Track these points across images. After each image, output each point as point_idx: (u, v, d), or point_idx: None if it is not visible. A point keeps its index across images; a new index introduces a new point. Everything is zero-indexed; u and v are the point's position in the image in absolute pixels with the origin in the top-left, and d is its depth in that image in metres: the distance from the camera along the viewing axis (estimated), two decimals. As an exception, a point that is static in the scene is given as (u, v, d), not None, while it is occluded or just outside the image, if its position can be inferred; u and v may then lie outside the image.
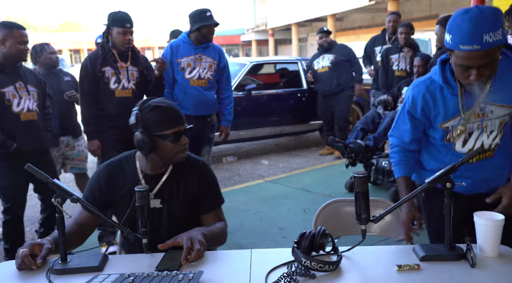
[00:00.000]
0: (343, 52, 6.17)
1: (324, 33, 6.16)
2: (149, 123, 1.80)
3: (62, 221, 1.56)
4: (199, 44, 3.82)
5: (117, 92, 3.38)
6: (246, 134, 6.54)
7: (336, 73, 6.10)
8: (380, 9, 17.93)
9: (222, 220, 1.96)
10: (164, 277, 1.43)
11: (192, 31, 3.78)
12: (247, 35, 33.91)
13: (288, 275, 1.45)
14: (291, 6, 23.47)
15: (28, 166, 1.52)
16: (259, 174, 5.80)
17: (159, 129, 1.80)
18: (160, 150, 1.83)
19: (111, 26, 3.33)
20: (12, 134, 3.01)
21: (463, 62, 1.60)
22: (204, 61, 3.84)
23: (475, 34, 1.54)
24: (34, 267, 1.55)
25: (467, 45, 1.55)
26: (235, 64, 7.13)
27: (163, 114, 1.81)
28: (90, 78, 3.36)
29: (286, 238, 3.67)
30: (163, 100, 1.88)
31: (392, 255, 1.61)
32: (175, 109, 1.86)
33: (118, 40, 3.33)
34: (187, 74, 3.81)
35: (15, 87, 3.03)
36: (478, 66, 1.59)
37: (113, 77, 3.36)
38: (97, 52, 3.41)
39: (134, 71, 3.44)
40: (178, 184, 1.88)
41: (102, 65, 3.34)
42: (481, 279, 1.43)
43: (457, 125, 1.80)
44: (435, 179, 1.55)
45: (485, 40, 1.53)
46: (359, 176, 1.51)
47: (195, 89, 3.82)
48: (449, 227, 1.57)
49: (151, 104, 1.82)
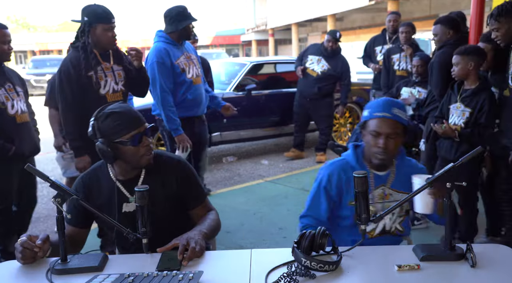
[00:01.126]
0: (337, 68, 5.97)
1: (334, 39, 5.89)
2: (106, 131, 1.77)
3: (62, 221, 1.56)
4: (181, 43, 3.62)
5: (109, 97, 2.99)
6: (246, 134, 6.54)
7: (320, 83, 5.97)
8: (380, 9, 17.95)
9: (211, 209, 1.97)
10: (164, 277, 1.43)
11: (176, 31, 3.51)
12: (247, 35, 33.93)
13: (288, 275, 1.45)
14: (291, 6, 23.48)
15: (28, 166, 1.52)
16: (259, 174, 5.79)
17: (117, 135, 1.77)
18: (124, 156, 1.81)
19: (93, 24, 2.90)
20: (10, 137, 2.91)
21: (376, 129, 1.90)
22: (192, 58, 3.67)
23: (387, 106, 1.92)
24: (36, 249, 1.57)
25: (379, 113, 1.91)
26: (235, 64, 7.12)
27: (118, 119, 1.76)
28: (74, 86, 2.92)
29: (286, 238, 3.67)
30: (119, 105, 1.83)
31: (392, 255, 1.61)
32: (132, 112, 1.81)
33: (104, 38, 2.92)
34: (188, 74, 3.58)
35: (5, 89, 2.91)
36: (386, 134, 1.89)
37: (101, 80, 2.97)
38: (77, 55, 2.93)
39: (119, 71, 3.07)
40: (156, 186, 1.84)
41: (87, 69, 2.91)
42: (481, 279, 1.43)
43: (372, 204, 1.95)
44: (435, 179, 1.56)
45: (394, 111, 1.90)
46: (359, 176, 1.52)
47: (199, 88, 3.68)
48: (449, 227, 1.57)
49: (105, 112, 1.78)
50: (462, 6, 11.45)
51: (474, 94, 3.02)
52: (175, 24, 3.49)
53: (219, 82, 6.79)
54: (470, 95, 3.03)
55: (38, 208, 4.60)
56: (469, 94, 3.04)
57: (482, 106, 2.96)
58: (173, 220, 1.88)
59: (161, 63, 3.44)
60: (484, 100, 2.96)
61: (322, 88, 5.98)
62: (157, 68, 3.43)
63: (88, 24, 2.90)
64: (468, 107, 3.02)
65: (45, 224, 4.24)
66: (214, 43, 37.22)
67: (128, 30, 33.67)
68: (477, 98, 3.00)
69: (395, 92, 4.62)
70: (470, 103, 3.02)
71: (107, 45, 2.97)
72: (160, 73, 3.43)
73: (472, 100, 3.02)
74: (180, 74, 3.53)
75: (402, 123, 1.94)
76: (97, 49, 2.96)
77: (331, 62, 5.97)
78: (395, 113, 1.91)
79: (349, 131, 7.04)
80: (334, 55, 5.98)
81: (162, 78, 3.44)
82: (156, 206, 1.81)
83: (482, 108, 2.96)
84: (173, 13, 3.52)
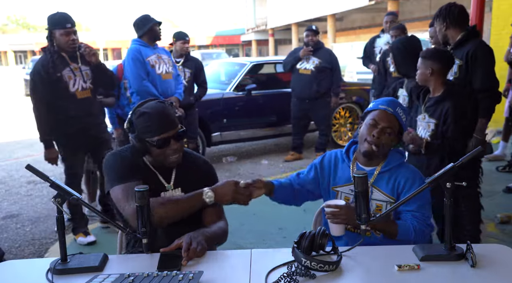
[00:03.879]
0: (328, 58, 5.98)
1: (312, 31, 5.96)
2: (138, 128, 1.84)
3: (62, 221, 1.56)
4: (153, 46, 4.26)
5: (78, 94, 3.40)
6: (246, 134, 6.54)
7: (317, 79, 5.92)
8: (380, 9, 17.95)
9: (223, 219, 1.96)
10: (164, 277, 1.43)
11: (143, 33, 4.16)
12: (247, 35, 33.94)
13: (288, 275, 1.45)
14: (291, 6, 23.49)
15: (28, 166, 1.52)
16: (259, 174, 5.79)
17: (146, 135, 1.83)
18: (152, 154, 1.88)
19: (52, 30, 3.31)
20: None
21: (376, 118, 1.96)
22: (163, 58, 4.30)
23: (393, 104, 2.00)
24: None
25: (383, 106, 1.99)
26: (235, 64, 7.12)
27: (148, 121, 1.83)
28: (45, 85, 3.31)
29: (286, 238, 3.67)
30: (155, 104, 1.87)
31: (392, 255, 1.61)
32: (163, 115, 1.85)
33: (62, 41, 3.31)
34: (158, 70, 4.23)
35: None
36: (383, 126, 1.95)
37: (70, 80, 3.36)
38: (45, 57, 3.34)
39: (87, 70, 3.47)
40: (189, 173, 1.95)
41: (56, 70, 3.30)
42: (481, 279, 1.43)
43: (347, 194, 2.04)
44: (435, 179, 1.55)
45: (397, 110, 1.98)
46: (359, 176, 1.52)
47: (167, 82, 4.33)
48: (449, 227, 1.57)
49: (140, 110, 1.85)
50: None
51: (438, 103, 2.71)
52: (142, 28, 4.17)
53: (219, 82, 6.79)
54: (433, 105, 2.74)
55: (38, 208, 4.61)
56: (433, 104, 2.74)
57: (446, 117, 2.66)
58: (191, 217, 1.87)
59: (135, 59, 4.13)
60: (447, 110, 2.65)
61: (320, 84, 5.93)
62: (132, 63, 4.13)
63: (49, 30, 3.33)
64: (433, 117, 2.73)
65: (45, 224, 4.23)
66: (214, 43, 37.24)
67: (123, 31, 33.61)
68: (441, 107, 2.69)
69: (392, 93, 4.57)
70: (434, 113, 2.73)
71: (66, 48, 3.34)
72: (136, 66, 4.13)
73: (436, 110, 2.72)
74: (151, 69, 4.20)
75: (400, 123, 1.98)
76: (63, 51, 3.35)
77: (319, 55, 5.94)
78: (397, 111, 1.98)
79: (349, 131, 7.05)
80: (319, 48, 5.97)
81: (138, 69, 4.13)
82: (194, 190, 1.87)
83: (446, 119, 2.66)
84: (137, 20, 4.22)
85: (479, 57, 2.94)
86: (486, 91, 2.94)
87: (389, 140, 1.96)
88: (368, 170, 1.99)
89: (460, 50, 3.02)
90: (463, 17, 3.09)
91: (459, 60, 3.00)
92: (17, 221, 4.36)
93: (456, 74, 3.02)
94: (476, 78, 2.96)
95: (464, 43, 3.02)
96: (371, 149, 1.96)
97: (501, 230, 3.69)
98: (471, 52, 2.95)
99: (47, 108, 3.35)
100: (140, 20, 4.18)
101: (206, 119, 5.90)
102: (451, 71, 2.99)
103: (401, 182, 1.95)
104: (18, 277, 1.54)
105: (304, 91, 5.98)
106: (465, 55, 2.98)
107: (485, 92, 2.93)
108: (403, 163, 2.03)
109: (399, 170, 1.99)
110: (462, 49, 3.01)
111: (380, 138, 1.94)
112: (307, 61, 5.97)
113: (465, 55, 2.97)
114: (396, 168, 1.99)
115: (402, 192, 1.94)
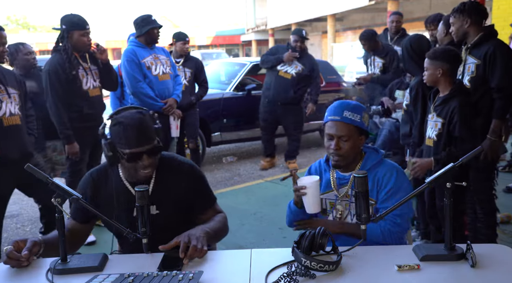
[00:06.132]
0: (310, 66, 5.70)
1: (301, 38, 5.66)
2: (112, 136, 1.75)
3: (62, 221, 1.56)
4: (150, 47, 4.24)
5: (90, 92, 3.59)
6: (246, 134, 6.54)
7: (296, 85, 5.61)
8: (380, 9, 17.96)
9: (219, 212, 1.96)
10: (164, 277, 1.43)
11: (141, 35, 4.15)
12: (247, 35, 33.94)
13: (288, 275, 1.45)
14: (291, 6, 23.49)
15: (28, 166, 1.51)
16: (259, 174, 5.79)
17: (118, 145, 1.75)
18: (122, 165, 1.81)
19: (71, 30, 3.44)
20: None
21: (328, 131, 1.96)
22: (160, 59, 4.30)
23: (339, 109, 1.95)
24: (22, 259, 1.54)
25: (331, 116, 1.96)
26: (235, 64, 7.12)
27: (121, 132, 1.72)
28: (63, 83, 3.45)
29: (286, 238, 3.67)
30: (132, 115, 1.76)
31: (392, 255, 1.61)
32: (137, 129, 1.73)
33: (80, 42, 3.47)
34: (154, 71, 4.23)
35: None
36: (338, 136, 1.93)
37: (83, 78, 3.54)
38: (60, 56, 3.47)
39: (95, 70, 3.66)
40: (168, 187, 1.85)
41: (71, 68, 3.46)
42: (481, 279, 1.43)
43: (331, 200, 2.05)
44: (435, 179, 1.55)
45: (344, 114, 1.92)
46: (359, 176, 1.51)
47: (165, 83, 4.33)
48: (449, 227, 1.57)
49: (117, 118, 1.75)
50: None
51: (445, 102, 2.71)
52: (140, 29, 4.15)
53: (219, 82, 6.79)
54: (441, 104, 2.74)
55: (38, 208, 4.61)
56: (441, 102, 2.74)
57: (453, 116, 2.64)
58: (180, 223, 1.85)
59: (130, 61, 4.13)
60: (454, 109, 2.63)
61: (297, 90, 5.66)
62: (127, 65, 4.13)
63: (66, 31, 3.44)
64: (440, 116, 2.73)
65: (45, 224, 4.23)
66: (214, 43, 37.20)
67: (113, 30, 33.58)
68: (447, 107, 2.68)
69: (389, 95, 4.55)
70: (442, 112, 2.72)
71: (83, 48, 3.52)
72: (131, 68, 4.13)
73: (443, 109, 2.71)
74: (147, 70, 4.20)
75: (354, 125, 1.93)
76: (76, 51, 3.51)
77: (303, 61, 5.65)
78: (345, 115, 1.93)
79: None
80: (303, 55, 5.66)
81: (133, 71, 4.13)
82: (162, 209, 1.82)
83: (453, 118, 2.64)
84: (138, 19, 4.17)
85: (498, 57, 2.87)
86: (501, 91, 2.87)
87: (349, 146, 1.94)
88: (348, 176, 2.01)
89: (478, 49, 2.94)
90: (485, 16, 3.02)
91: (477, 59, 2.93)
92: (17, 221, 4.36)
93: (473, 73, 2.94)
94: (494, 77, 2.88)
95: (483, 42, 2.95)
96: (336, 162, 1.97)
97: (501, 230, 3.68)
98: (490, 52, 2.87)
99: (65, 105, 3.47)
100: (141, 19, 4.16)
101: (206, 119, 5.89)
102: (468, 70, 2.96)
103: (380, 177, 1.96)
104: (18, 277, 1.54)
105: (279, 94, 5.63)
106: (483, 55, 2.90)
107: (500, 92, 2.86)
108: (380, 160, 2.02)
109: (377, 169, 1.99)
110: (480, 49, 2.93)
111: (339, 149, 1.94)
112: (289, 64, 5.64)
113: (484, 55, 2.90)
114: (374, 167, 1.99)
115: (381, 186, 1.94)
